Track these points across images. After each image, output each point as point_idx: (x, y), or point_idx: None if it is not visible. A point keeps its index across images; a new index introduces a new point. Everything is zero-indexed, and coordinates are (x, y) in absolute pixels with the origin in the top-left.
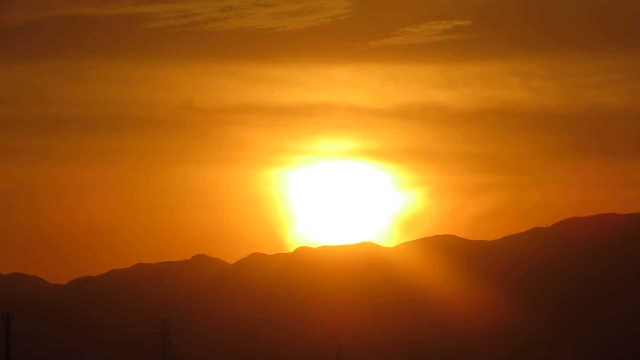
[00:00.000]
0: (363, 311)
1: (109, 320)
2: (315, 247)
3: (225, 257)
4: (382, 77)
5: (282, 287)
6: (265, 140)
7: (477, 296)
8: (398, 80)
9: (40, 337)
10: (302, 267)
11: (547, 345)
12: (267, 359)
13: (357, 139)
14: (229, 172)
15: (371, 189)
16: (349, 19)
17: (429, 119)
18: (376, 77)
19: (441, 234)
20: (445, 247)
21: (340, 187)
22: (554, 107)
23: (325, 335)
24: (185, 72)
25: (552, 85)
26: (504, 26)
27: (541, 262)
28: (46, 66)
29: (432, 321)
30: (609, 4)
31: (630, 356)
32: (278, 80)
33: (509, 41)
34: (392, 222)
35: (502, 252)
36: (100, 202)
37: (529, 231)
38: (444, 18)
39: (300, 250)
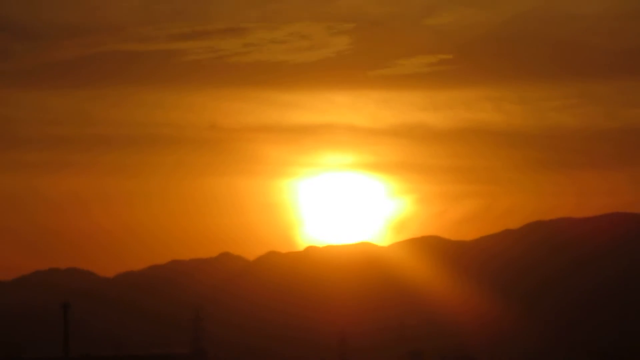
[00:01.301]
0: (362, 299)
1: (149, 308)
2: (321, 246)
3: (246, 255)
4: (378, 102)
5: (294, 279)
6: (278, 155)
7: (457, 287)
8: (391, 104)
9: (92, 322)
10: (311, 263)
11: (515, 326)
12: (281, 339)
13: (355, 153)
14: (247, 182)
15: (368, 196)
16: (350, 54)
17: (417, 137)
18: (372, 102)
19: (427, 234)
20: (430, 246)
21: (341, 194)
22: (522, 127)
23: (330, 320)
24: (211, 98)
25: (520, 109)
26: (480, 60)
27: (510, 259)
28: (94, 93)
29: (420, 308)
30: (568, 42)
31: (589, 334)
32: (289, 104)
33: (485, 72)
34: (386, 224)
35: (477, 250)
36: (140, 208)
37: (500, 232)
38: (430, 52)
39: (309, 249)
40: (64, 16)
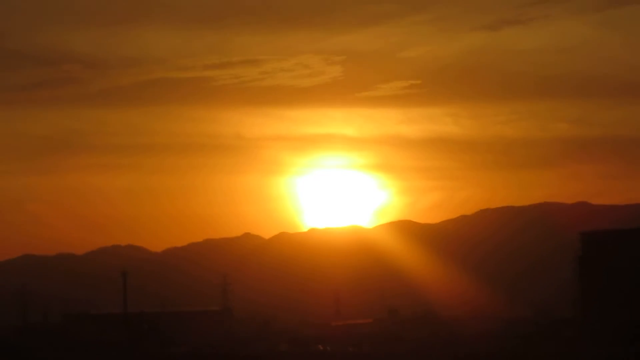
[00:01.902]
0: (352, 269)
1: (188, 275)
2: (321, 228)
3: (263, 235)
4: (364, 117)
5: (300, 254)
6: (287, 158)
7: (425, 259)
8: (374, 119)
9: (145, 286)
10: (313, 241)
11: (468, 288)
12: (291, 299)
13: (348, 157)
14: (263, 178)
15: (357, 189)
16: (342, 79)
17: (394, 144)
18: (360, 117)
19: (402, 219)
20: (405, 227)
21: (336, 188)
22: (474, 137)
23: (328, 283)
24: (236, 113)
25: (472, 123)
26: (442, 84)
27: (465, 237)
28: (144, 110)
29: (396, 275)
30: (510, 71)
31: (525, 290)
32: (295, 119)
33: (446, 94)
34: (371, 211)
35: (440, 231)
36: (179, 198)
37: (457, 217)
38: (403, 79)
39: (311, 230)
40: (121, 50)
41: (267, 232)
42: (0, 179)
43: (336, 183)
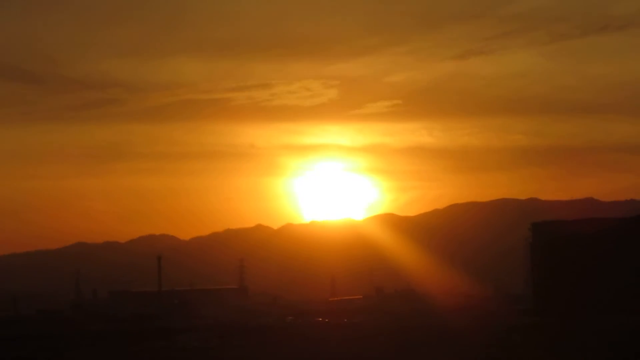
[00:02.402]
0: (346, 254)
1: (211, 259)
2: (320, 220)
3: (272, 225)
4: (355, 130)
5: (303, 241)
6: (293, 163)
7: (405, 245)
8: (363, 132)
9: (176, 269)
10: (313, 231)
11: (439, 269)
12: (296, 279)
13: (342, 162)
14: (273, 179)
15: (350, 188)
16: (337, 100)
17: (380, 152)
18: (352, 130)
19: (386, 212)
20: (388, 219)
21: (333, 187)
22: (445, 146)
23: (325, 266)
24: (250, 127)
25: (444, 134)
26: (419, 104)
27: (438, 227)
28: (174, 125)
29: (383, 261)
30: (474, 93)
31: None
32: (300, 132)
33: (422, 112)
34: (362, 206)
35: (417, 222)
36: (203, 196)
37: (431, 211)
38: (388, 99)
39: (312, 222)
40: (157, 76)
41: (275, 223)
42: (61, 180)
43: (333, 183)
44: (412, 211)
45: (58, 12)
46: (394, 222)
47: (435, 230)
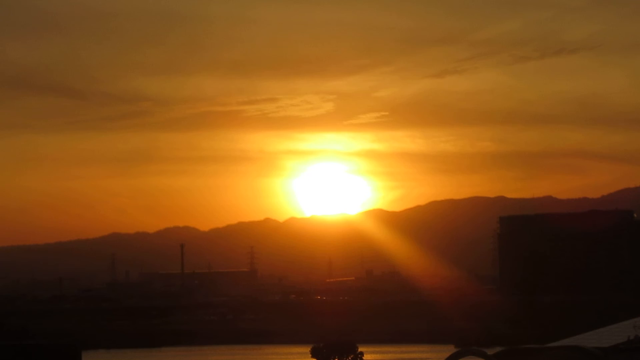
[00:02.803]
0: (341, 244)
1: (227, 248)
2: (319, 215)
3: (279, 219)
4: (349, 138)
5: (304, 232)
6: (296, 166)
7: (390, 235)
8: (356, 139)
9: (195, 257)
10: (313, 224)
11: (419, 256)
12: (297, 264)
13: (338, 165)
14: (279, 179)
15: (344, 187)
16: (333, 112)
17: (370, 157)
18: (346, 138)
19: (375, 208)
20: (377, 214)
21: (330, 186)
22: (425, 151)
23: (323, 254)
24: (259, 135)
25: (424, 141)
26: (403, 115)
27: (419, 221)
28: (195, 133)
29: (372, 248)
30: (449, 106)
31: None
32: (302, 139)
33: (405, 122)
34: (354, 202)
35: (401, 217)
36: (219, 194)
37: (414, 207)
38: (376, 111)
39: (312, 216)
40: (180, 92)
41: (281, 217)
42: (98, 180)
43: (330, 183)
44: (398, 207)
45: (98, 38)
46: (383, 216)
47: (417, 223)
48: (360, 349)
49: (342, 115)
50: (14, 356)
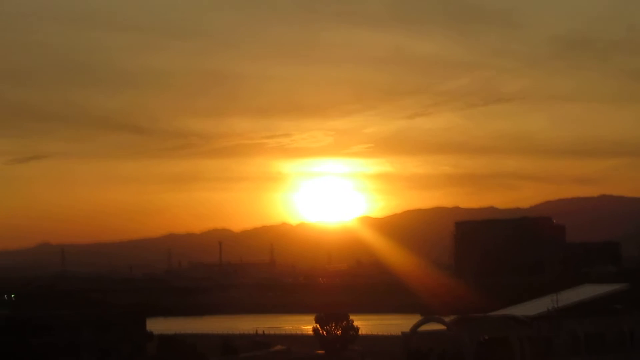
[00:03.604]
0: (338, 241)
1: (254, 246)
2: (324, 221)
3: (292, 223)
4: (344, 163)
5: (311, 235)
6: (306, 183)
7: (377, 237)
8: (350, 164)
9: (229, 253)
10: (318, 228)
11: (399, 256)
12: (304, 259)
13: (338, 183)
14: (293, 194)
15: (342, 200)
16: (333, 144)
17: (361, 177)
18: (342, 163)
19: (364, 215)
20: (365, 220)
21: (331, 199)
22: (401, 174)
23: (323, 252)
24: (278, 162)
25: (400, 166)
26: (384, 146)
27: (398, 227)
28: (231, 160)
29: (362, 245)
30: (420, 140)
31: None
32: (310, 164)
33: (386, 151)
34: (348, 212)
35: (383, 222)
36: (251, 205)
37: (392, 214)
38: (364, 143)
39: (318, 222)
40: (219, 128)
41: (294, 222)
42: (160, 194)
43: (330, 196)
44: (381, 214)
45: (160, 90)
46: (369, 221)
47: (395, 226)
48: (350, 318)
49: (339, 147)
50: (96, 320)
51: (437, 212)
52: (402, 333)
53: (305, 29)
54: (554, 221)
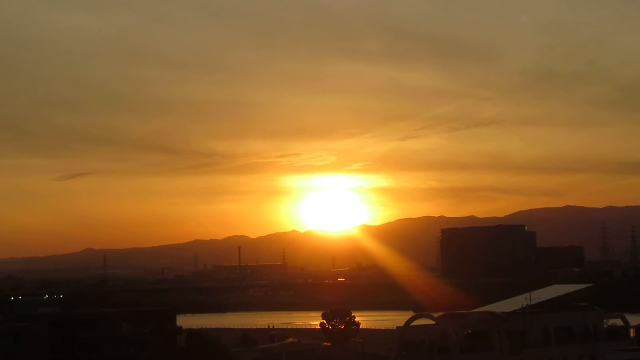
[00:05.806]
0: (341, 247)
1: (267, 250)
2: (329, 230)
3: (300, 230)
4: (345, 178)
5: (317, 242)
6: (312, 196)
7: (372, 242)
8: (350, 179)
9: (248, 254)
10: (323, 236)
11: (393, 259)
12: (311, 262)
13: (339, 195)
14: (301, 205)
15: (343, 209)
16: (336, 162)
17: (360, 191)
18: (344, 178)
19: (363, 224)
20: (363, 227)
21: (334, 210)
22: (394, 188)
23: (328, 255)
24: (289, 178)
25: (393, 181)
26: (380, 164)
27: (394, 234)
28: (249, 177)
29: (361, 250)
30: (411, 159)
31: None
32: (315, 179)
33: (381, 168)
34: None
35: (378, 229)
36: (265, 215)
37: (387, 223)
38: (362, 161)
39: (323, 230)
40: (238, 149)
41: (302, 229)
42: (188, 206)
43: (334, 207)
44: (377, 223)
45: (190, 116)
46: (368, 229)
47: (389, 233)
48: (352, 314)
49: (341, 164)
50: (131, 317)
51: (426, 221)
52: (397, 327)
53: (312, 64)
54: (526, 228)
